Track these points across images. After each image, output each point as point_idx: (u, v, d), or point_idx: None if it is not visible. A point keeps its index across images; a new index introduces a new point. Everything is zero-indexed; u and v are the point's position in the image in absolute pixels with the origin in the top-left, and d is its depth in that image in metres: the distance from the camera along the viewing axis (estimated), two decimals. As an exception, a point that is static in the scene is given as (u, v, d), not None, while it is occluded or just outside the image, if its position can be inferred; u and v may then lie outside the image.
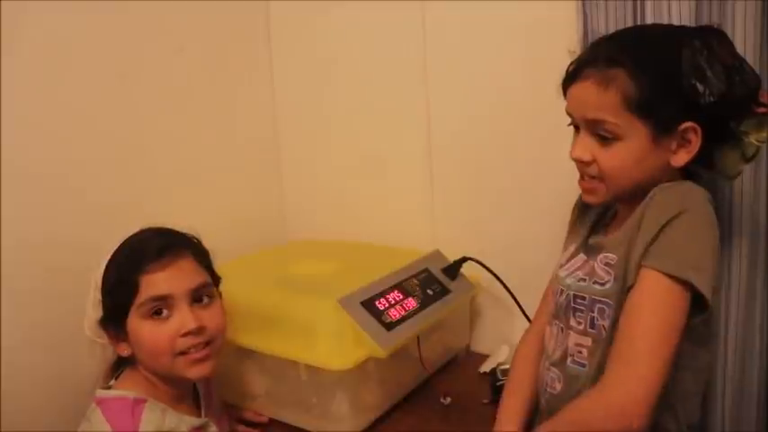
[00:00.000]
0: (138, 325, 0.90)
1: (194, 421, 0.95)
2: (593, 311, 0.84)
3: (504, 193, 1.31)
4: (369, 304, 1.07)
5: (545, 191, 1.25)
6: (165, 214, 0.99)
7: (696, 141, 0.79)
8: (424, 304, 1.15)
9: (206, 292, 0.95)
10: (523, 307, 1.21)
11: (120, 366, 0.97)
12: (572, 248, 0.94)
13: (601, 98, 0.79)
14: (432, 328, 1.18)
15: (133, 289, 0.89)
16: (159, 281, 0.90)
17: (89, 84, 1.18)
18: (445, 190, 1.40)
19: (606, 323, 0.82)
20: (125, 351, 0.92)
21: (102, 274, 0.92)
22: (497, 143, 1.30)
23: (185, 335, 0.90)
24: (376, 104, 1.46)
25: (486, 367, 1.26)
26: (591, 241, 0.91)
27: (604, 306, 0.82)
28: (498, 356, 1.26)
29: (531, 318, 1.15)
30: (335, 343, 1.03)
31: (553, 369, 0.90)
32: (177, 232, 0.97)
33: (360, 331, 1.02)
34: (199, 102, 1.40)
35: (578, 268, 0.89)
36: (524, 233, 1.29)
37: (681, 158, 0.80)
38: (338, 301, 1.04)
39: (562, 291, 0.90)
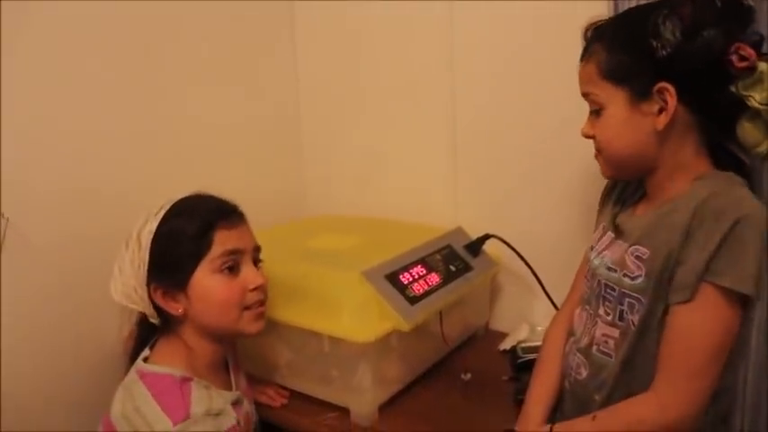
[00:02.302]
0: (210, 279, 0.91)
1: (231, 396, 0.96)
2: (622, 304, 0.83)
3: (527, 172, 1.31)
4: (393, 278, 1.07)
5: (568, 171, 1.24)
6: (185, 191, 0.97)
7: (672, 102, 0.77)
8: (447, 280, 1.15)
9: (259, 254, 0.99)
10: (545, 285, 1.20)
11: (148, 335, 0.96)
12: (600, 227, 0.94)
13: (584, 72, 0.85)
14: (453, 304, 1.18)
15: (207, 243, 0.90)
16: (232, 237, 0.93)
17: (116, 63, 1.18)
18: (468, 168, 1.39)
19: (635, 318, 0.81)
20: (178, 309, 0.92)
21: (154, 233, 0.90)
22: (521, 123, 1.29)
23: (253, 290, 0.94)
24: (401, 83, 1.45)
25: (506, 345, 1.26)
26: (618, 220, 0.89)
27: (634, 302, 0.81)
28: (518, 335, 1.26)
29: (552, 297, 1.16)
30: (359, 315, 1.03)
31: (579, 354, 0.90)
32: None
33: (384, 304, 1.03)
34: (221, 80, 1.40)
35: (606, 247, 0.88)
36: (546, 212, 1.29)
37: (661, 121, 0.79)
38: (362, 274, 1.04)
39: (593, 275, 0.90)
